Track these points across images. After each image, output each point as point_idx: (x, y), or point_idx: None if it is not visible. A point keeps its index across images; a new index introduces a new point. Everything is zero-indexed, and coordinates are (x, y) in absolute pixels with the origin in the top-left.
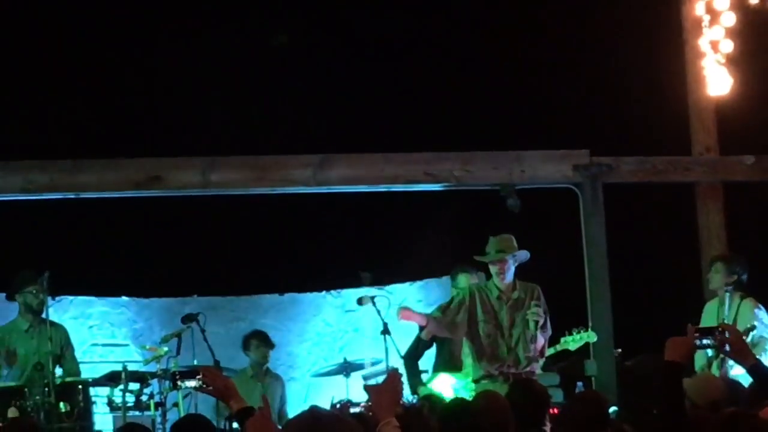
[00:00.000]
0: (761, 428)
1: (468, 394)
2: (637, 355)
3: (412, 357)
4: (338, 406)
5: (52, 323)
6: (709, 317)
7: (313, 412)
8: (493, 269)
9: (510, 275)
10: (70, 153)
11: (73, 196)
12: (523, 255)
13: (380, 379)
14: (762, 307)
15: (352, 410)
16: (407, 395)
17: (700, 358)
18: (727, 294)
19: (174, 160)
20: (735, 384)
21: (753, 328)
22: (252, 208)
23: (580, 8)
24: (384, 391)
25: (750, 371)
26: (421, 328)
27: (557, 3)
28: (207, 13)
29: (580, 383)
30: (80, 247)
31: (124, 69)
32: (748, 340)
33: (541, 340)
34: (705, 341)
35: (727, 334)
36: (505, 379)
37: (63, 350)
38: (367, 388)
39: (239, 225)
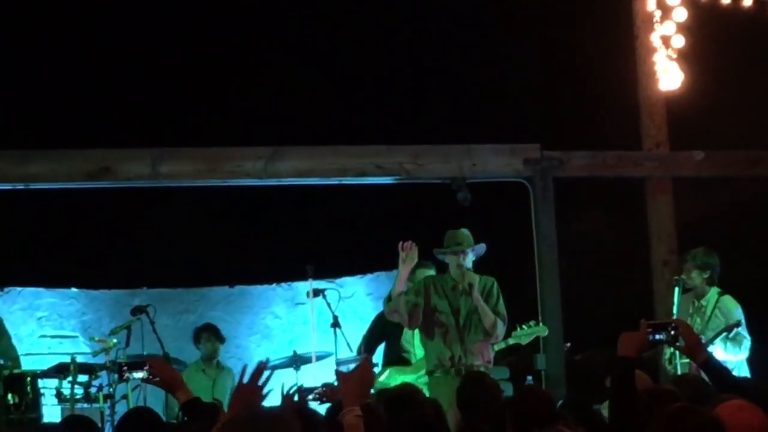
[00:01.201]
0: (708, 423)
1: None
2: (586, 349)
3: (363, 351)
4: (291, 392)
5: None
6: (684, 311)
7: (251, 410)
8: (451, 262)
9: (468, 267)
10: (19, 143)
11: (22, 187)
12: (481, 249)
13: (351, 366)
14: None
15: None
16: None
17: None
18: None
19: (123, 152)
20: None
21: (738, 324)
22: (202, 199)
23: (533, 2)
24: (353, 378)
25: (703, 366)
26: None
27: None
28: (156, 3)
29: (529, 377)
30: (29, 238)
31: (75, 58)
32: (731, 335)
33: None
34: (658, 336)
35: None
36: (457, 372)
37: None
38: (337, 373)
39: (189, 217)
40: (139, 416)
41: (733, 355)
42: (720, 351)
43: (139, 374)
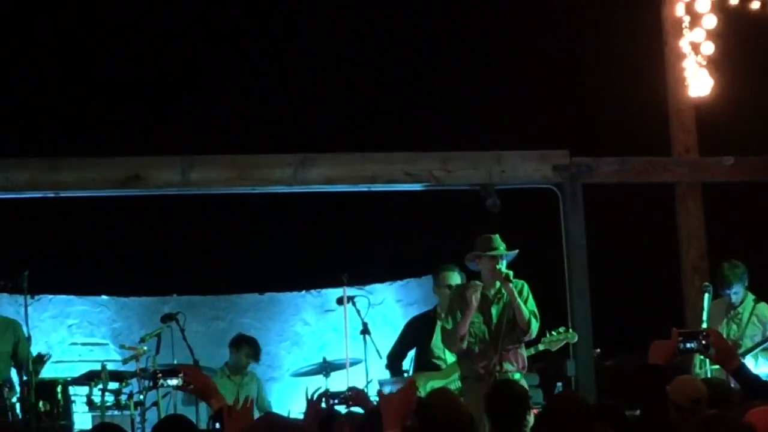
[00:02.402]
0: (739, 431)
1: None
2: (616, 354)
3: (395, 358)
4: (315, 397)
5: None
6: (716, 318)
7: (270, 417)
8: (485, 266)
9: (503, 267)
10: (49, 151)
11: (52, 195)
12: (513, 255)
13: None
14: None
15: (332, 401)
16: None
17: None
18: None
19: (153, 159)
20: (721, 385)
21: None
22: (232, 206)
23: (561, 9)
24: (396, 400)
25: (733, 374)
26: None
27: (536, 5)
28: (185, 12)
29: (559, 383)
30: (60, 245)
31: (104, 67)
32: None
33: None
34: (689, 345)
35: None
36: (492, 379)
37: (16, 345)
38: (380, 394)
39: (219, 224)
40: (174, 424)
41: (766, 368)
42: (752, 364)
43: (174, 381)
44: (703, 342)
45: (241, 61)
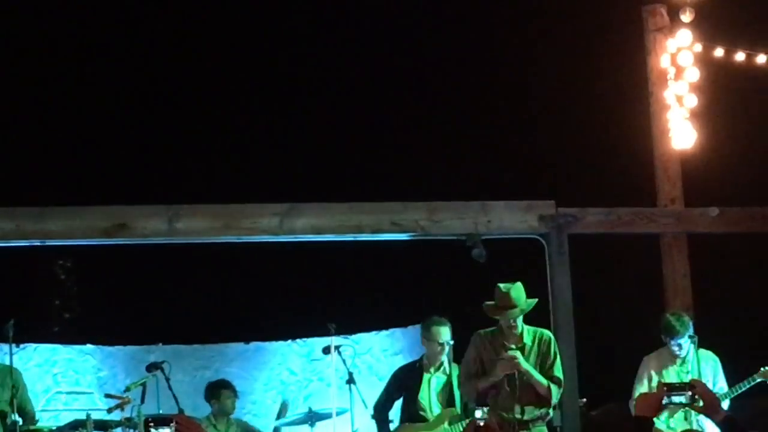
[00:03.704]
0: None
1: None
2: (602, 405)
3: (381, 408)
4: None
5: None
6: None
7: None
8: (504, 321)
9: (520, 325)
10: (36, 200)
11: (38, 243)
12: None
13: None
14: None
15: None
16: None
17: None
18: (692, 347)
19: (140, 208)
20: None
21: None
22: (218, 256)
23: (546, 57)
24: None
25: (721, 424)
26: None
27: (523, 51)
28: (170, 60)
29: None
30: (44, 294)
31: (91, 117)
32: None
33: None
34: (675, 399)
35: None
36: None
37: (15, 392)
38: None
39: (205, 273)
40: None
41: None
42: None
43: (166, 430)
44: (691, 394)
45: (228, 111)
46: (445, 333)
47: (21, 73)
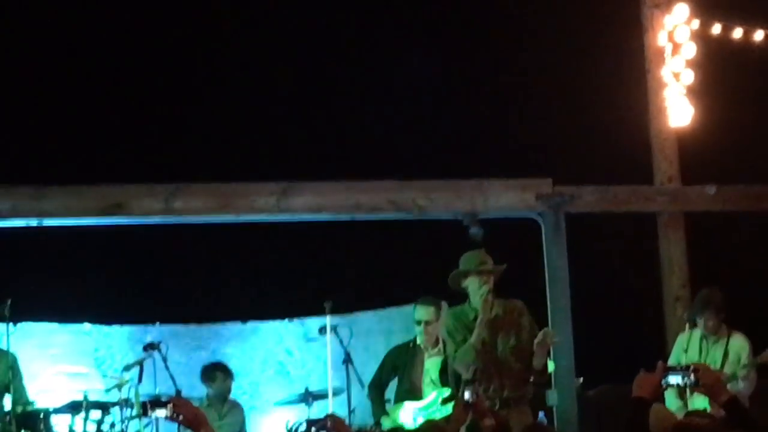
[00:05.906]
0: None
1: (433, 416)
2: (598, 384)
3: (376, 386)
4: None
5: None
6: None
7: None
8: (473, 285)
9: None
10: (33, 179)
11: (35, 223)
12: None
13: None
14: None
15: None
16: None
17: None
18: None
19: (137, 187)
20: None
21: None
22: (214, 235)
23: (543, 37)
24: None
25: (725, 406)
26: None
27: (519, 32)
28: (168, 41)
29: (541, 413)
30: (42, 273)
31: (88, 95)
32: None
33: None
34: (672, 380)
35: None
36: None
37: (11, 379)
38: None
39: (201, 252)
40: None
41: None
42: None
43: (164, 412)
44: (692, 377)
45: (224, 89)
46: (421, 312)
47: (16, 53)
